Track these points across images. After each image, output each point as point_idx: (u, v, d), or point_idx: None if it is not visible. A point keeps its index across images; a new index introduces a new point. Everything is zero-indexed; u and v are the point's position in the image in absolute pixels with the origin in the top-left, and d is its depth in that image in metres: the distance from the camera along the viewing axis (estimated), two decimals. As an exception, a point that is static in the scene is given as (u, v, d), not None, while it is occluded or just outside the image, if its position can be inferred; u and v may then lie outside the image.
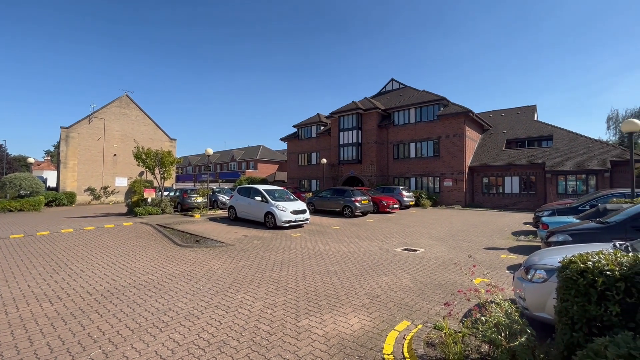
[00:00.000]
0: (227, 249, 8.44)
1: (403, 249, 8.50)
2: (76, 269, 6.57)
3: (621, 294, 2.22)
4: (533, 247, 8.32)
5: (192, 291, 5.19)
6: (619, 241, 4.15)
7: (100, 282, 5.67)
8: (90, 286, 5.46)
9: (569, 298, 2.47)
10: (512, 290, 4.30)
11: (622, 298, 2.22)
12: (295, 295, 5.05)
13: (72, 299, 4.84)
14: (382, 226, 12.95)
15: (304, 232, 11.44)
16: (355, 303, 4.70)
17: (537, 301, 3.57)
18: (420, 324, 3.95)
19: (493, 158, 23.80)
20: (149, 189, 17.32)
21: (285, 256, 7.68)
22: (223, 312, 4.34)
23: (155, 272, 6.29)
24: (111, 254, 7.93)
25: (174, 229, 11.81)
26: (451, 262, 7.00)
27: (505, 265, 6.86)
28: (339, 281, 5.76)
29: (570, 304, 2.45)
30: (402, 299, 4.86)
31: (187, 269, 6.56)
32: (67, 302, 4.74)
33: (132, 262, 7.13)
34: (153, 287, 5.39)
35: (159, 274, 6.21)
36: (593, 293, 2.32)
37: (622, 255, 2.50)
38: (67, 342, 3.52)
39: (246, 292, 5.14)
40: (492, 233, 11.27)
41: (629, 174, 9.72)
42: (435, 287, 5.44)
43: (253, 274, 6.21)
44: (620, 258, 2.45)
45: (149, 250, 8.34)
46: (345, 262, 7.16)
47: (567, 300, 2.49)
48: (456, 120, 23.51)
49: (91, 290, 5.24)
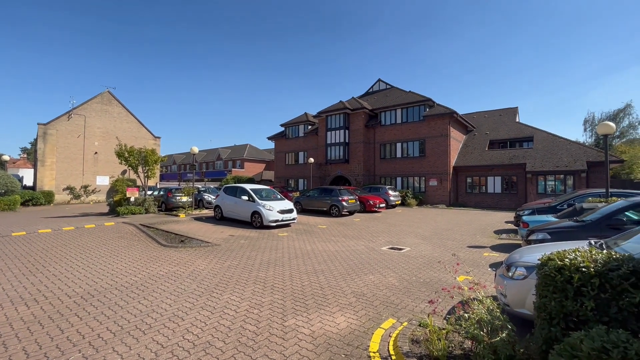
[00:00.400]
0: (212, 249, 8.33)
1: (389, 248, 8.60)
2: (54, 270, 6.34)
3: (596, 289, 2.32)
4: (514, 245, 8.58)
5: (177, 292, 5.10)
6: (595, 239, 4.33)
7: (79, 284, 5.49)
8: (70, 288, 5.29)
9: (547, 294, 2.56)
10: (494, 287, 4.42)
11: (597, 294, 2.31)
12: (282, 295, 5.03)
13: (49, 302, 4.68)
14: (369, 225, 13.05)
15: (291, 231, 11.41)
16: (342, 302, 4.73)
17: (518, 298, 3.68)
18: (406, 322, 4.00)
19: (476, 158, 24.35)
20: (132, 188, 16.90)
21: (272, 256, 7.64)
22: (208, 313, 4.28)
23: (138, 273, 6.15)
24: (92, 255, 7.70)
25: (157, 228, 11.56)
26: (436, 261, 7.13)
27: (488, 262, 7.04)
28: (325, 280, 5.77)
29: (548, 300, 2.54)
30: (388, 297, 4.91)
31: (171, 269, 6.44)
32: (44, 305, 4.58)
33: (114, 263, 6.94)
34: (136, 289, 5.26)
35: (142, 275, 6.07)
36: (570, 289, 2.41)
37: (597, 252, 2.60)
38: (44, 347, 3.40)
39: (232, 293, 5.09)
40: (475, 232, 11.53)
41: (604, 174, 10.12)
42: (420, 285, 5.53)
43: (239, 274, 6.15)
44: (595, 255, 2.55)
45: (132, 251, 8.13)
46: (332, 261, 7.19)
47: (545, 296, 2.58)
48: (441, 121, 23.93)
49: (70, 293, 5.08)
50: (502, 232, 11.33)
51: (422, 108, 25.19)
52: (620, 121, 33.90)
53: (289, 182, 33.63)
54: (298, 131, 33.58)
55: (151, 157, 17.08)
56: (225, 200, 14.07)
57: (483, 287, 3.28)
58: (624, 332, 1.92)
